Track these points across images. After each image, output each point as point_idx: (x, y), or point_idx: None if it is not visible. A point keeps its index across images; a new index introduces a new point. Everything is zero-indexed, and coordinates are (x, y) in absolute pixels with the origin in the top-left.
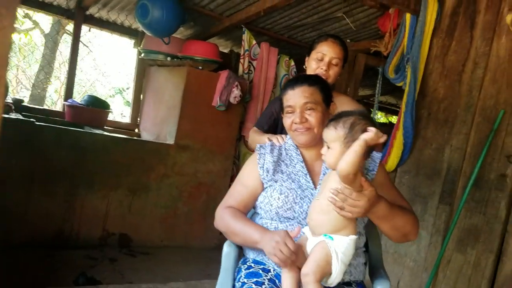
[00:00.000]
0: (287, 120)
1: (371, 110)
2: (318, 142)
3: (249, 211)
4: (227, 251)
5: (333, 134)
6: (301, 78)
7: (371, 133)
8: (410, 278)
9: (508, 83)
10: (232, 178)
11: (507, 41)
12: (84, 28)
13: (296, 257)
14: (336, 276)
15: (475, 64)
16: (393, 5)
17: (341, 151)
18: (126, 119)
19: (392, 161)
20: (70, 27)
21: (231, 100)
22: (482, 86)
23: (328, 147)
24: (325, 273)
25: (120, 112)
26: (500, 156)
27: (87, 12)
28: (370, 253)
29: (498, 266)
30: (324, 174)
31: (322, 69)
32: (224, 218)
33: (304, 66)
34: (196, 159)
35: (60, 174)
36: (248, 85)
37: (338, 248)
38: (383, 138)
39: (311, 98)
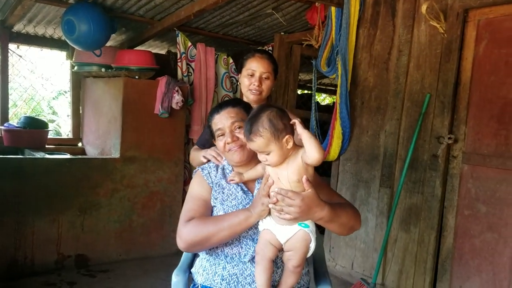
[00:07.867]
0: (219, 143)
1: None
2: (251, 159)
3: None
4: (176, 281)
5: (263, 141)
6: (224, 103)
7: (296, 121)
8: (362, 259)
9: (431, 68)
10: (185, 182)
11: (426, 28)
12: (12, 46)
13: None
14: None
15: (400, 52)
16: (318, 0)
17: (280, 146)
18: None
19: (334, 150)
20: None
21: (173, 105)
22: (408, 72)
23: (267, 154)
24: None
25: (66, 114)
26: (431, 138)
27: (13, 29)
28: (314, 259)
29: (440, 241)
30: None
31: (254, 85)
32: (196, 226)
33: (238, 83)
34: (144, 169)
35: (5, 203)
36: (189, 88)
37: (313, 231)
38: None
39: (237, 117)
